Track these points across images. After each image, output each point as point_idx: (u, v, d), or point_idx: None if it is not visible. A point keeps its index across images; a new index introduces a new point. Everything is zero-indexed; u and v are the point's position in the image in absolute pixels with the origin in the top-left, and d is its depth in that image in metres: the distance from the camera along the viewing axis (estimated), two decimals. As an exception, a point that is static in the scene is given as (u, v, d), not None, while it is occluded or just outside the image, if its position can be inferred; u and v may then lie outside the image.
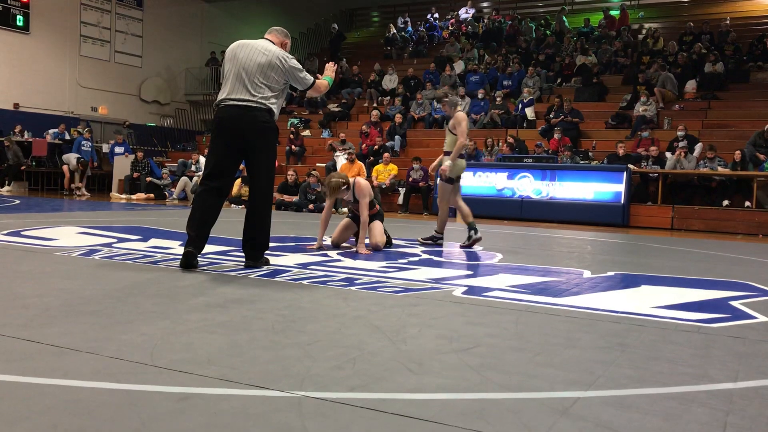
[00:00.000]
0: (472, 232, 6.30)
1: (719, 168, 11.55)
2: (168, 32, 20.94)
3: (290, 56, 4.43)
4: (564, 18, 20.24)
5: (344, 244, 5.93)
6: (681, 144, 12.01)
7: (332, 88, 10.99)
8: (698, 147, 12.12)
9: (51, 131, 16.62)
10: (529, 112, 14.99)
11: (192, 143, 19.16)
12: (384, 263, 4.88)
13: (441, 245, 6.51)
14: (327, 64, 5.07)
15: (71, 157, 15.07)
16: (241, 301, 3.18)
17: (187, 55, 21.57)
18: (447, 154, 6.44)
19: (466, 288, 3.86)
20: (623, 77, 16.26)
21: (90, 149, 15.70)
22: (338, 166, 13.41)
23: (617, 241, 8.31)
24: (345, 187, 5.65)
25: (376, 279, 4.07)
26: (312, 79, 4.55)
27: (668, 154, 12.15)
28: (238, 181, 12.36)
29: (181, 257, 4.22)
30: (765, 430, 1.75)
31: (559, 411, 1.82)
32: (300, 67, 4.46)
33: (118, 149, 16.19)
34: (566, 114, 14.12)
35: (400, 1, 25.43)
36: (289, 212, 11.89)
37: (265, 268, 4.32)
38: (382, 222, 5.91)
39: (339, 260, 4.95)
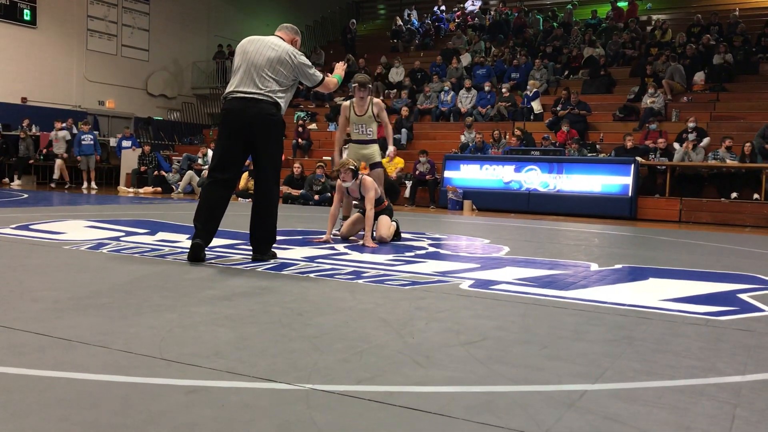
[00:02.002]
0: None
1: (728, 160, 11.48)
2: (175, 26, 20.93)
3: (300, 53, 4.43)
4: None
5: (351, 238, 5.94)
6: (691, 136, 11.93)
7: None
8: (706, 140, 12.05)
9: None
10: (536, 105, 14.93)
11: (199, 137, 19.20)
12: (391, 256, 4.89)
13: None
14: (337, 63, 5.05)
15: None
16: (248, 295, 3.19)
17: (194, 49, 21.57)
18: (361, 143, 6.39)
19: (473, 281, 3.86)
20: (631, 69, 16.17)
21: (92, 142, 15.18)
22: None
23: (625, 234, 8.28)
24: (353, 168, 5.63)
25: (383, 272, 4.07)
26: (321, 76, 4.55)
27: (676, 146, 12.09)
28: (245, 174, 12.37)
29: (188, 250, 4.24)
30: (773, 423, 1.75)
31: (567, 404, 1.82)
32: (309, 63, 4.46)
33: (126, 143, 16.19)
34: (573, 106, 14.07)
35: (406, -7, 25.38)
36: (295, 205, 11.91)
37: (272, 261, 4.33)
38: (390, 217, 5.93)
39: (346, 253, 4.96)
